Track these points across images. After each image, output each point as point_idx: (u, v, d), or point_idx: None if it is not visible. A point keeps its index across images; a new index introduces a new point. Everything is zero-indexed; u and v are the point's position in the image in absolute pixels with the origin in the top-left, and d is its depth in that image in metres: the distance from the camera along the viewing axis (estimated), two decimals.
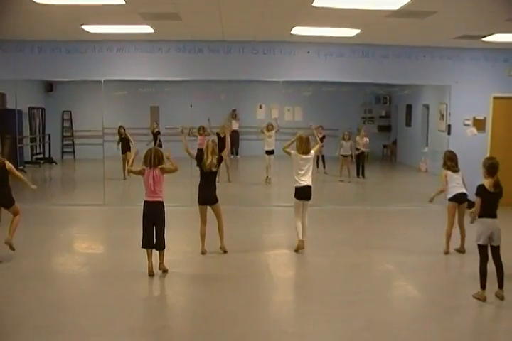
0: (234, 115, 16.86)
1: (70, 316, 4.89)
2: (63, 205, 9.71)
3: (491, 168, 5.37)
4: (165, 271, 6.12)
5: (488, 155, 9.73)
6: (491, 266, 5.36)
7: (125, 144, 13.15)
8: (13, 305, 5.08)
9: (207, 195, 6.71)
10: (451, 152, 7.15)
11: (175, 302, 5.51)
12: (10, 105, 13.47)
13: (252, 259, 6.78)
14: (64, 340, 4.36)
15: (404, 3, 6.58)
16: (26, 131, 14.77)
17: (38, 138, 15.73)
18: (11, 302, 5.17)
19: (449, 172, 6.95)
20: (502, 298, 5.28)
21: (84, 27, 8.41)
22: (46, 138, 15.93)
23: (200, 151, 11.66)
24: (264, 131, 12.61)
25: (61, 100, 16.09)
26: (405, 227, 8.66)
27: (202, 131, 12.67)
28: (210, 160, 6.64)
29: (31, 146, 15.23)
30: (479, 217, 5.38)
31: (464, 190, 6.91)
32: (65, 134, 16.53)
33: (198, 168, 6.82)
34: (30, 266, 6.38)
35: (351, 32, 8.66)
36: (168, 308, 5.34)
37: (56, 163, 15.53)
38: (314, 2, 6.62)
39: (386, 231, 8.33)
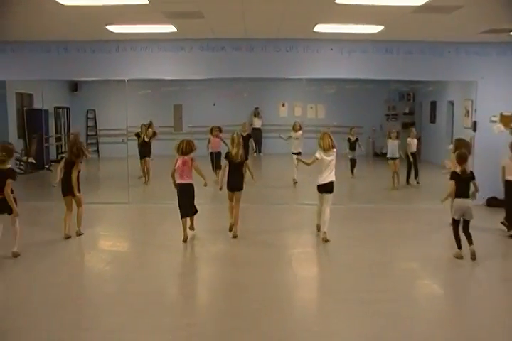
0: (257, 113, 16.85)
1: (95, 313, 4.96)
2: (88, 203, 9.78)
3: (459, 158, 6.45)
4: (192, 229, 7.51)
5: None
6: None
7: (146, 147, 12.43)
8: (40, 302, 5.18)
9: (235, 183, 7.42)
10: (461, 140, 7.66)
11: (199, 300, 5.54)
12: (37, 105, 13.71)
13: (276, 256, 6.78)
14: (91, 336, 4.42)
15: None
16: (52, 130, 15.01)
17: (63, 137, 15.96)
18: (39, 299, 5.26)
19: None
20: (473, 255, 6.37)
21: (109, 27, 8.49)
22: (71, 137, 16.16)
23: (211, 155, 11.60)
24: (292, 132, 11.89)
25: (85, 99, 16.30)
26: (430, 225, 8.53)
27: (217, 131, 11.65)
28: (235, 151, 7.36)
29: (57, 145, 15.46)
30: (455, 197, 6.48)
31: None
32: (89, 133, 16.72)
33: (226, 161, 7.47)
34: (56, 263, 6.48)
35: (375, 28, 8.57)
36: (192, 306, 5.37)
37: (81, 162, 15.72)
38: None
39: (411, 229, 8.23)
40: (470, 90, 10.53)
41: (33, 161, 7.25)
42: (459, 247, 6.57)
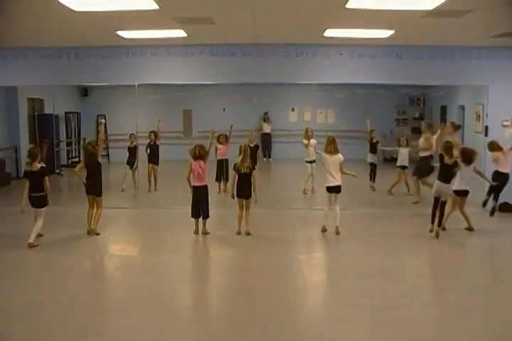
0: (266, 118, 16.86)
1: (104, 318, 4.95)
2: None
3: (446, 149, 7.61)
4: (207, 233, 7.91)
5: None
6: None
7: (154, 153, 11.78)
8: (49, 307, 5.18)
9: (243, 191, 7.87)
10: (466, 149, 8.20)
11: (210, 306, 5.51)
12: (48, 110, 13.82)
13: (285, 261, 6.76)
14: None
15: (439, 3, 6.46)
16: (62, 135, 15.12)
17: (73, 142, 16.06)
18: (48, 304, 5.26)
19: (462, 165, 7.86)
20: (437, 234, 7.67)
21: (119, 33, 8.53)
22: (81, 142, 16.25)
23: (219, 164, 11.49)
24: (304, 140, 11.37)
25: (96, 105, 16.40)
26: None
27: (224, 139, 11.30)
28: (242, 162, 7.78)
29: (67, 150, 15.56)
30: (437, 179, 7.73)
31: (467, 187, 7.99)
32: None
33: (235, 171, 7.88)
34: (65, 268, 6.49)
35: (385, 33, 8.55)
36: (202, 312, 5.34)
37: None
38: (348, 4, 6.55)
39: (422, 234, 8.14)
40: (481, 94, 10.47)
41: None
42: (433, 222, 7.78)
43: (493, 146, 8.80)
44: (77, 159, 15.58)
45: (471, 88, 11.61)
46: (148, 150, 11.79)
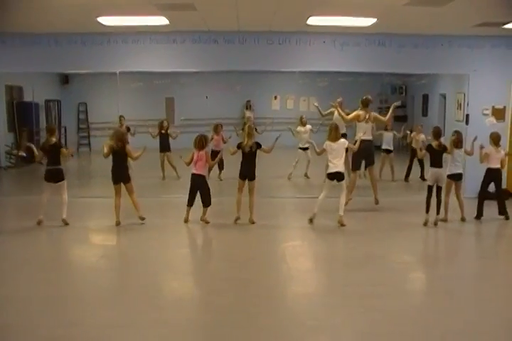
0: (248, 106, 16.82)
1: (87, 308, 4.91)
2: (80, 197, 9.75)
3: (434, 134, 7.82)
4: (207, 222, 7.82)
5: (508, 145, 9.64)
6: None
7: (165, 141, 11.69)
8: (31, 298, 5.12)
9: (247, 172, 7.79)
10: (458, 132, 8.17)
11: (195, 295, 5.51)
12: (27, 98, 13.59)
13: (269, 250, 6.79)
14: (83, 332, 4.37)
15: None
16: (43, 124, 14.89)
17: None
18: (30, 295, 5.20)
19: (455, 149, 7.94)
20: (436, 223, 7.71)
21: (100, 19, 8.39)
22: (62, 130, 16.05)
23: (215, 153, 11.37)
24: (299, 126, 11.45)
25: (77, 92, 16.20)
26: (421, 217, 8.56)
27: (220, 128, 11.23)
28: (247, 141, 7.76)
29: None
30: (430, 166, 7.79)
31: (460, 170, 8.03)
32: (80, 126, 16.64)
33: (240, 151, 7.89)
34: (48, 259, 6.44)
35: (368, 21, 8.54)
36: (189, 301, 5.33)
37: (72, 156, 15.59)
38: None
39: (407, 222, 8.23)
40: (462, 83, 10.54)
41: (24, 155, 7.39)
42: (427, 212, 7.74)
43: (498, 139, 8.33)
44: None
45: (453, 77, 11.68)
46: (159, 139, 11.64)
